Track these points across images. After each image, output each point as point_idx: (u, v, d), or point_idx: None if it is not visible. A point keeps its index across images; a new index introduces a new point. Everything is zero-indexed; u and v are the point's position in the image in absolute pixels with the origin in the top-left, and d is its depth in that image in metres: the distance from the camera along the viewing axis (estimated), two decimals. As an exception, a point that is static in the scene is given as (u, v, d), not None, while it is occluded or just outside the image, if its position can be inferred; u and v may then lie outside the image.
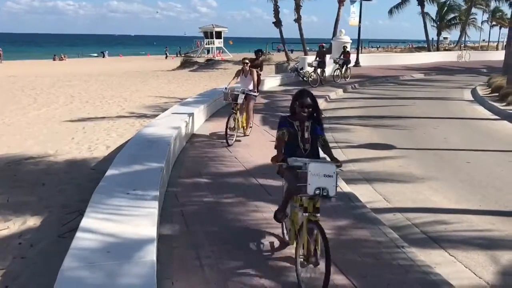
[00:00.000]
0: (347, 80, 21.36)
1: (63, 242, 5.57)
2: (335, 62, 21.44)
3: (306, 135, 4.42)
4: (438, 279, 4.31)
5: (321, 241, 3.87)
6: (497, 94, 16.35)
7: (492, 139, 10.65)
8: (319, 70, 19.53)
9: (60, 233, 6.01)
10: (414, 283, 4.23)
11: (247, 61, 9.96)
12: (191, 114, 10.24)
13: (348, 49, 22.12)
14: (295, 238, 4.29)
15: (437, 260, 4.88)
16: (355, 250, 4.88)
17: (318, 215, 4.02)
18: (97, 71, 36.32)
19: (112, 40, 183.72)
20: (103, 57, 69.33)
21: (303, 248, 4.07)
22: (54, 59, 57.70)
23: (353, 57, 29.08)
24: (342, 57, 21.46)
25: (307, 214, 3.98)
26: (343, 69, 21.37)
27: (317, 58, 19.68)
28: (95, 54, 73.03)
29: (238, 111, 9.54)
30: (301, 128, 4.43)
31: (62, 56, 59.98)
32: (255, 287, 4.09)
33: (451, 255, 5.03)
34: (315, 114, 4.48)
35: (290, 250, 4.79)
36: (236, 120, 9.49)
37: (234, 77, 10.04)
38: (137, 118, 14.66)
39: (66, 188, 7.96)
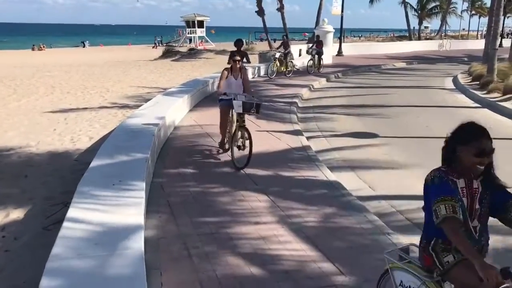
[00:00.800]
0: (320, 71, 20.67)
1: (48, 235, 5.52)
2: (307, 52, 21.34)
3: (477, 204, 2.71)
4: (423, 265, 4.37)
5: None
6: (477, 82, 16.59)
7: (473, 126, 10.79)
8: (316, 57, 20.36)
9: (44, 225, 5.94)
10: (400, 268, 4.29)
11: (238, 58, 7.56)
12: (174, 104, 10.18)
13: (321, 39, 21.73)
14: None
15: (422, 246, 4.94)
16: (341, 237, 4.93)
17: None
18: (78, 61, 35.77)
19: (92, 29, 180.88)
20: (84, 47, 68.25)
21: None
22: (33, 49, 56.60)
23: (335, 47, 29.26)
24: (314, 46, 20.86)
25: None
26: (316, 60, 20.74)
27: (313, 46, 20.55)
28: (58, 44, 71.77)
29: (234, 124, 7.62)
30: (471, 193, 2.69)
31: (41, 46, 58.86)
32: (244, 274, 4.11)
33: (435, 241, 5.11)
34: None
35: (279, 238, 4.83)
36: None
37: (221, 79, 7.56)
38: (119, 109, 14.51)
39: (49, 179, 7.86)
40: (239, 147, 7.23)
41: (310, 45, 22.86)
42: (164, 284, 3.96)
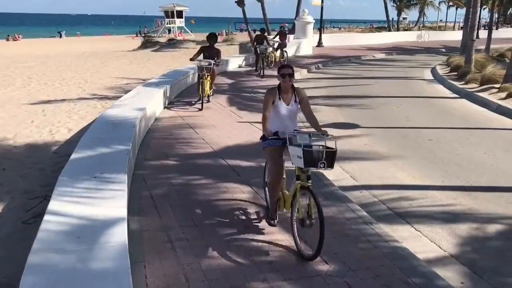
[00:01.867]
0: (282, 62, 17.49)
1: (28, 229, 5.43)
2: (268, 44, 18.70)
3: None
4: (405, 253, 4.44)
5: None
6: (456, 73, 16.82)
7: (452, 117, 10.97)
8: (278, 51, 18.51)
9: (24, 219, 5.83)
10: (383, 257, 4.35)
11: (289, 71, 4.69)
12: (155, 96, 10.07)
13: (286, 30, 20.31)
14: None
15: (404, 235, 5.02)
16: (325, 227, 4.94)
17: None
18: (55, 51, 35.10)
19: (68, 19, 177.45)
20: (60, 37, 66.97)
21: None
22: (7, 39, 55.24)
23: (316, 37, 29.29)
24: (277, 38, 18.88)
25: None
26: (278, 53, 18.52)
27: (275, 38, 19.05)
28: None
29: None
30: None
31: (16, 36, 57.51)
32: (229, 266, 4.11)
33: (417, 230, 5.19)
34: None
35: (262, 229, 4.83)
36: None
37: (266, 108, 4.88)
38: (99, 100, 14.30)
39: (28, 172, 7.72)
40: (302, 222, 4.38)
41: (272, 36, 20.84)
42: (148, 276, 3.93)
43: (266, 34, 18.61)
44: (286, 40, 19.55)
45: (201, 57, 11.15)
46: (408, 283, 3.92)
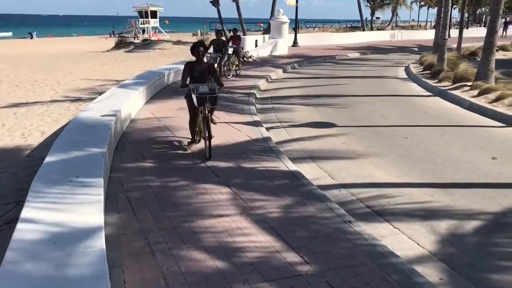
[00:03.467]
0: (239, 74, 16.34)
1: (0, 235, 5.27)
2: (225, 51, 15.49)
3: None
4: (385, 251, 4.47)
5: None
6: (429, 71, 17.09)
7: (427, 114, 11.14)
8: (234, 57, 15.98)
9: (-4, 225, 5.67)
10: (363, 255, 4.37)
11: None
12: (130, 97, 9.93)
13: (238, 33, 17.33)
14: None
15: (382, 233, 5.06)
16: (304, 227, 4.95)
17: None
18: (26, 53, 34.37)
19: (39, 20, 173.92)
20: (32, 38, 65.58)
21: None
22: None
23: (291, 37, 29.37)
24: (230, 43, 16.03)
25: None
26: (234, 60, 16.05)
27: (229, 43, 15.86)
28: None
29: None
30: None
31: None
32: (209, 268, 4.07)
33: (395, 227, 5.24)
34: None
35: (243, 231, 4.80)
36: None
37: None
38: (72, 102, 14.05)
39: (0, 177, 7.51)
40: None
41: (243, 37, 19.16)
42: (127, 281, 3.86)
43: (224, 37, 16.27)
44: (240, 44, 17.17)
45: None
46: (388, 280, 3.95)
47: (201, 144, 7.71)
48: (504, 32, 40.53)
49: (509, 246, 4.92)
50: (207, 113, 7.14)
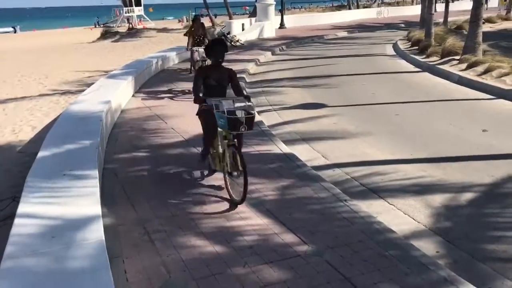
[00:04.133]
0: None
1: (-2, 232, 5.26)
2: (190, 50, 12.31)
3: None
4: (381, 227, 4.53)
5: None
6: (417, 47, 17.09)
7: (416, 90, 11.18)
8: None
9: (-7, 222, 5.66)
10: (360, 233, 4.42)
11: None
12: (120, 87, 9.87)
13: (202, 21, 13.15)
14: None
15: (378, 210, 5.12)
16: (300, 208, 5.00)
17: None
18: (10, 47, 33.89)
19: (22, 14, 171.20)
20: (15, 32, 64.60)
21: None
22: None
23: (277, 19, 29.15)
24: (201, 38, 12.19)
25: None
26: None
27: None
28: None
29: None
30: None
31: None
32: (209, 253, 4.10)
33: (391, 204, 5.30)
34: None
35: (240, 215, 4.83)
36: None
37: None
38: (61, 95, 13.94)
39: (-7, 174, 7.48)
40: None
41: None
42: (128, 271, 3.89)
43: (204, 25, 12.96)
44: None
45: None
46: (386, 256, 4.01)
47: (218, 177, 5.82)
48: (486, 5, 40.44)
49: (502, 215, 4.99)
50: (235, 140, 5.18)
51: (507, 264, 4.09)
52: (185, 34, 12.62)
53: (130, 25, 49.48)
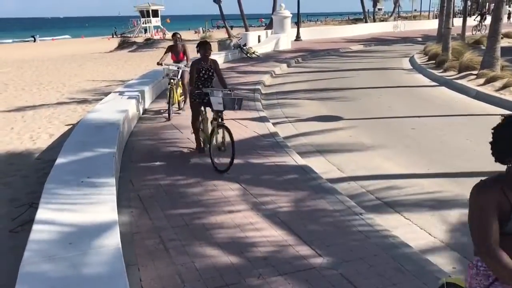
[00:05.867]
0: (182, 109, 10.43)
1: (16, 237, 5.34)
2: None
3: None
4: (397, 242, 4.49)
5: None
6: (434, 61, 17.01)
7: (433, 105, 11.11)
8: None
9: (11, 228, 5.73)
10: (375, 247, 4.39)
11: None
12: (137, 96, 9.97)
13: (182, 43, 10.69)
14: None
15: (393, 224, 5.07)
16: (315, 220, 4.98)
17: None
18: (30, 56, 34.52)
19: (42, 23, 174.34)
20: (34, 41, 65.82)
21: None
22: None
23: (293, 31, 29.28)
24: (168, 58, 10.37)
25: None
26: (178, 86, 10.14)
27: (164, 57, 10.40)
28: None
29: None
30: None
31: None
32: (223, 264, 4.10)
33: (406, 218, 5.25)
34: None
35: (254, 226, 4.83)
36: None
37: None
38: (78, 104, 14.13)
39: (12, 180, 7.58)
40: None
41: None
42: (143, 279, 3.91)
43: (181, 40, 10.66)
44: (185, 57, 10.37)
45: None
46: (402, 271, 3.97)
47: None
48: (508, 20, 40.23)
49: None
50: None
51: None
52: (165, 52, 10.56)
53: (140, 35, 50.07)
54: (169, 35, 53.94)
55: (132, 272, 3.96)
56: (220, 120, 6.58)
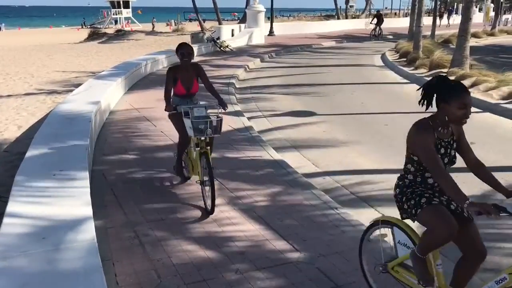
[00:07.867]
0: None
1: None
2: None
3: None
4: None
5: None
6: (405, 59, 17.29)
7: (405, 101, 11.27)
8: None
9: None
10: (351, 241, 4.42)
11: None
12: (109, 88, 9.78)
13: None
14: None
15: (368, 218, 5.10)
16: (291, 215, 4.99)
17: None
18: (-5, 45, 33.43)
19: (8, 11, 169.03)
20: (0, 30, 63.79)
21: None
22: None
23: (267, 26, 29.27)
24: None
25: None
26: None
27: None
28: None
29: None
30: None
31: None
32: (200, 259, 4.07)
33: (380, 213, 5.31)
34: None
35: (231, 220, 4.80)
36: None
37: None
38: (47, 95, 13.77)
39: (-22, 173, 7.33)
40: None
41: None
42: (118, 274, 3.83)
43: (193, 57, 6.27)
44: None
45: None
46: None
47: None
48: (448, 21, 41.07)
49: (492, 227, 5.05)
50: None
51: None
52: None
53: (121, 26, 49.28)
54: (158, 26, 52.69)
55: (107, 267, 3.88)
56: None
